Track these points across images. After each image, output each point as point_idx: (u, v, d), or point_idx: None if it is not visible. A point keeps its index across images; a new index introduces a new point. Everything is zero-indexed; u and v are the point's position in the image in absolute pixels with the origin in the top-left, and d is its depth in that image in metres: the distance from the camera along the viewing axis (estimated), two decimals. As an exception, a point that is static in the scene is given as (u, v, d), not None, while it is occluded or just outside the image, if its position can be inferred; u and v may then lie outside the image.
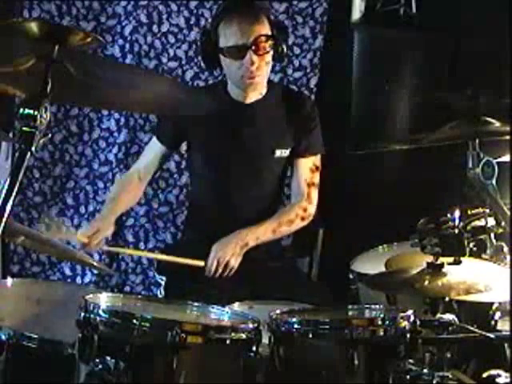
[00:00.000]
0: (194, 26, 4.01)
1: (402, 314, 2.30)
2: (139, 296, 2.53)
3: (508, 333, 2.65)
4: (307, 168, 3.25)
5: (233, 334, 2.17)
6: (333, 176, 3.72)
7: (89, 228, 3.06)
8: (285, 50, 3.10)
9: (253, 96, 3.15)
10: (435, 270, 2.58)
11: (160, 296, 3.16)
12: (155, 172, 3.33)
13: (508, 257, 2.75)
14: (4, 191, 1.86)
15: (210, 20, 3.95)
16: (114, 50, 3.98)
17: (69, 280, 4.01)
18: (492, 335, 2.45)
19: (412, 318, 2.29)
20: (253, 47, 3.00)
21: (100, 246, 3.06)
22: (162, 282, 3.19)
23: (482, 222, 2.71)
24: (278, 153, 3.19)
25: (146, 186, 3.34)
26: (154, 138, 3.27)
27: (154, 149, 3.26)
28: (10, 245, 3.98)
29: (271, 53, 3.06)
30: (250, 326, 2.22)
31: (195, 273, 3.09)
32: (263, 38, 3.02)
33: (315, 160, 3.26)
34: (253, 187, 3.21)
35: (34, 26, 1.88)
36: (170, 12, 4.00)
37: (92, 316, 2.15)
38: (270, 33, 3.04)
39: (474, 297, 2.62)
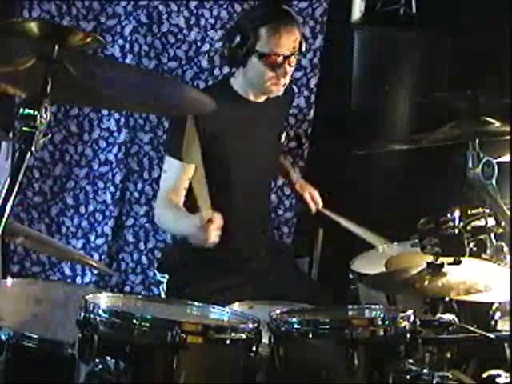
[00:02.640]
0: (194, 26, 4.01)
1: (402, 314, 2.30)
2: (139, 296, 2.53)
3: (508, 333, 2.65)
4: None
5: (233, 334, 2.17)
6: (333, 176, 3.72)
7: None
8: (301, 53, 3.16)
9: (264, 97, 3.16)
10: (435, 270, 2.58)
11: (162, 295, 3.16)
12: (185, 189, 3.14)
13: (508, 257, 2.76)
14: (4, 191, 1.86)
15: (210, 20, 3.98)
16: (114, 50, 3.97)
17: (69, 280, 4.01)
18: (492, 335, 2.45)
19: (412, 318, 2.29)
20: (289, 59, 3.03)
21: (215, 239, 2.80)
22: (164, 280, 3.19)
23: (481, 222, 2.71)
24: (280, 143, 3.23)
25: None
26: (170, 158, 3.12)
27: (174, 169, 3.10)
28: (10, 245, 3.98)
29: None
30: (250, 325, 2.22)
31: (195, 272, 3.10)
32: (297, 51, 3.06)
33: None
34: (255, 185, 3.21)
35: (34, 26, 1.88)
36: (170, 12, 4.00)
37: (92, 316, 2.15)
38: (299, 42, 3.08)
39: (474, 297, 2.61)
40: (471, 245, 2.67)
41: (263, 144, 3.19)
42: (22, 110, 1.89)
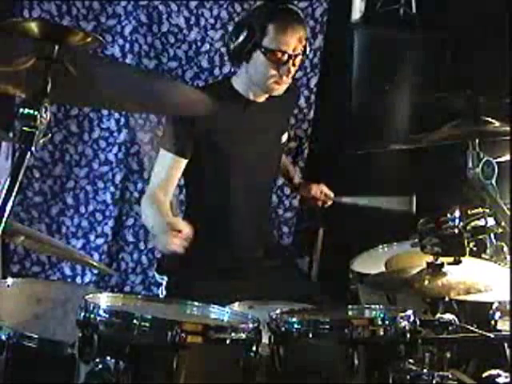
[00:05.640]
0: (194, 26, 4.01)
1: (401, 314, 2.29)
2: (139, 296, 2.53)
3: (508, 333, 2.65)
4: None
5: (233, 334, 2.17)
6: (333, 176, 3.72)
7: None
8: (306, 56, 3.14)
9: (264, 96, 3.15)
10: (435, 270, 2.58)
11: (161, 296, 3.16)
12: (175, 184, 3.17)
13: (508, 257, 2.76)
14: (4, 191, 1.86)
15: (210, 20, 3.99)
16: (114, 50, 3.98)
17: (69, 280, 4.02)
18: (492, 335, 2.45)
19: (412, 318, 2.29)
20: (294, 57, 3.03)
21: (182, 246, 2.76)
22: (164, 282, 3.19)
23: (482, 222, 2.71)
24: (282, 142, 3.22)
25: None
26: (163, 152, 3.13)
27: (166, 162, 3.11)
28: (10, 245, 3.98)
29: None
30: (250, 325, 2.22)
31: (195, 273, 3.10)
32: (302, 51, 3.05)
33: None
34: (256, 185, 3.21)
35: (34, 26, 1.88)
36: (169, 12, 4.00)
37: (92, 316, 2.15)
38: (304, 44, 3.07)
39: (473, 297, 2.62)
40: (471, 245, 2.67)
41: (263, 144, 3.18)
42: (21, 109, 1.89)
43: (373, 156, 3.81)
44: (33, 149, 1.89)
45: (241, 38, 3.04)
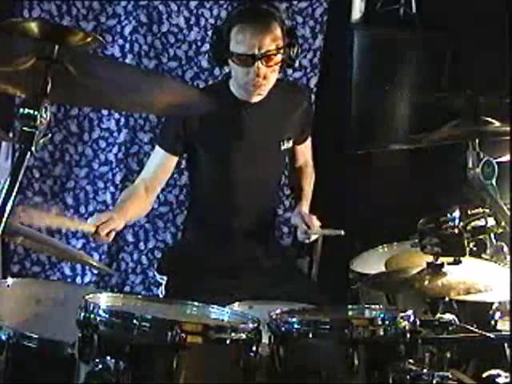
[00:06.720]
0: (194, 26, 4.01)
1: (401, 314, 2.30)
2: (139, 296, 2.53)
3: (508, 333, 2.65)
4: (307, 149, 3.39)
5: (233, 334, 2.17)
6: (333, 176, 3.72)
7: (99, 217, 2.82)
8: (294, 56, 3.08)
9: (257, 96, 3.14)
10: (435, 269, 2.58)
11: (161, 296, 3.16)
12: (165, 181, 3.24)
13: (508, 257, 2.76)
14: (4, 191, 1.86)
15: (210, 20, 3.99)
16: (114, 50, 3.98)
17: (69, 280, 4.01)
18: (492, 335, 2.45)
19: (412, 318, 2.29)
20: (262, 58, 2.96)
21: (110, 238, 2.81)
22: (163, 282, 3.19)
23: (482, 222, 2.71)
24: (284, 146, 3.21)
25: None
26: (157, 147, 3.18)
27: (157, 158, 3.17)
28: (10, 245, 3.98)
29: (280, 62, 3.03)
30: (250, 325, 2.22)
31: (195, 272, 3.10)
32: (273, 51, 2.98)
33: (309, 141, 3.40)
34: (256, 186, 3.20)
35: (34, 26, 1.88)
36: (170, 12, 4.00)
37: (92, 316, 2.15)
38: (281, 43, 3.00)
39: (473, 297, 2.62)
40: (471, 245, 2.67)
41: (261, 145, 3.18)
42: (22, 110, 1.89)
43: (373, 156, 3.81)
44: (33, 149, 1.89)
45: (215, 44, 3.05)
